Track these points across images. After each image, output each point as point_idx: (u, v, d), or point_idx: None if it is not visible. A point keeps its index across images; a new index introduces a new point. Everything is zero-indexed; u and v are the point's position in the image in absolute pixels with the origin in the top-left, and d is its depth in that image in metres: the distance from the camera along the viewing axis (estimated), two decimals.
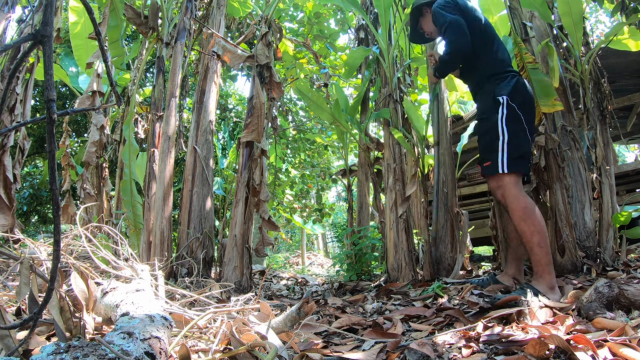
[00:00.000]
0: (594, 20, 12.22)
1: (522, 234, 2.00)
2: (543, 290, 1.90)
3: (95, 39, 3.56)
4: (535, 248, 1.96)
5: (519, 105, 2.07)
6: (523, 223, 1.97)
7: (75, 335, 1.23)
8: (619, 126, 3.19)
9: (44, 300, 0.87)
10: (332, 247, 17.16)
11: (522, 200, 1.98)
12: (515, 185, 2.00)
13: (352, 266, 3.56)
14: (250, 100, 3.37)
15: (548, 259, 1.95)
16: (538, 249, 1.95)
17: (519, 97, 2.10)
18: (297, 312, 1.35)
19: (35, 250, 1.89)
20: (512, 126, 2.04)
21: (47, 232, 8.65)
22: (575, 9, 2.66)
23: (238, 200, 3.14)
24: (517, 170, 2.02)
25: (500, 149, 2.02)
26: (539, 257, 1.95)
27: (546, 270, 1.94)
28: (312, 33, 6.20)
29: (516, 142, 2.03)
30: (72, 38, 4.34)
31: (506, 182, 2.02)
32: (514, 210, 2.00)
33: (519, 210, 1.98)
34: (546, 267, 1.94)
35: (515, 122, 2.05)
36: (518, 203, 1.98)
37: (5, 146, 3.00)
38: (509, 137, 2.02)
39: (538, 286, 1.92)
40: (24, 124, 0.87)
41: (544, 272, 1.94)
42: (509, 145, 2.01)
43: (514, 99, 2.07)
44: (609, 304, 1.45)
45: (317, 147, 8.60)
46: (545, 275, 1.94)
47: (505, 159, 2.00)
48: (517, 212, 1.99)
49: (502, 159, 2.01)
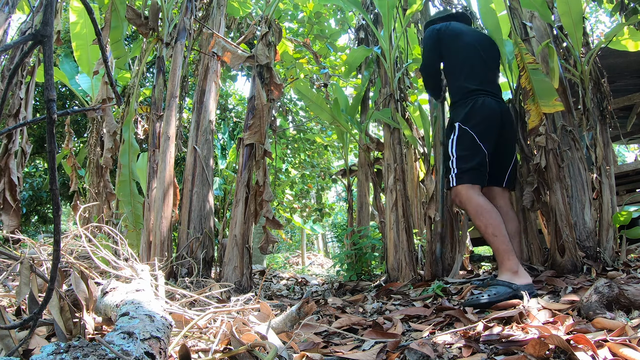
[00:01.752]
0: (594, 20, 12.22)
1: (479, 229, 2.20)
2: (507, 278, 2.03)
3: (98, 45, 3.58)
4: (490, 238, 2.14)
5: (472, 125, 2.34)
6: (477, 220, 2.19)
7: (75, 335, 1.23)
8: (618, 126, 3.19)
9: (44, 300, 0.87)
10: (332, 247, 17.16)
11: (473, 201, 2.22)
12: (466, 191, 2.26)
13: (352, 266, 3.56)
14: (251, 100, 3.37)
15: (505, 246, 2.11)
16: (493, 238, 2.13)
17: (474, 117, 2.36)
18: (297, 312, 1.35)
19: (35, 250, 1.89)
20: (461, 146, 2.35)
21: (47, 232, 8.65)
22: (574, 9, 2.66)
23: (238, 200, 3.14)
24: (465, 182, 2.28)
25: (452, 167, 2.34)
26: (496, 245, 2.13)
27: (505, 257, 2.09)
28: (313, 33, 6.20)
29: (464, 158, 2.31)
30: (72, 38, 4.34)
31: (458, 191, 2.30)
32: (468, 211, 2.26)
33: (472, 210, 2.22)
34: (505, 254, 2.10)
35: (464, 141, 2.34)
36: (470, 204, 2.23)
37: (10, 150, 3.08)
38: (457, 156, 2.34)
39: (502, 276, 2.06)
40: (24, 124, 0.87)
41: (503, 259, 2.10)
42: (457, 162, 2.32)
43: (467, 122, 2.36)
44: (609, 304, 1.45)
45: (317, 147, 8.60)
46: (506, 261, 2.09)
47: (454, 174, 2.32)
48: (471, 211, 2.23)
49: (453, 175, 2.33)
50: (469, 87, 2.46)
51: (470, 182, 2.28)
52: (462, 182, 2.28)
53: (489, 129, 2.37)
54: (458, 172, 2.31)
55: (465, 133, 2.34)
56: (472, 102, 2.40)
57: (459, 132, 2.36)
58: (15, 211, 3.12)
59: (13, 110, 3.14)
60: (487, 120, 2.38)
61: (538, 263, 2.68)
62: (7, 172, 3.07)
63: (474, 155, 2.32)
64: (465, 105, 2.42)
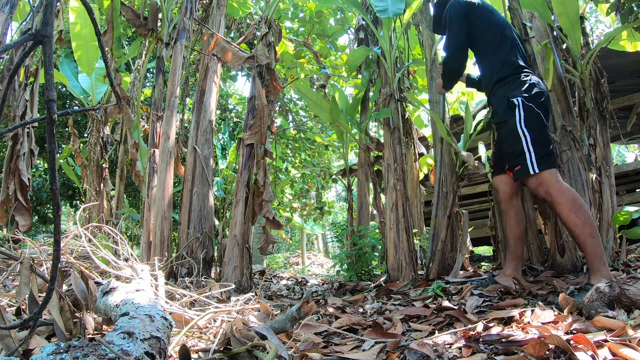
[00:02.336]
0: (594, 20, 12.21)
1: (573, 227, 1.94)
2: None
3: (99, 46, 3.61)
4: (587, 239, 1.89)
5: (537, 104, 2.07)
6: (574, 215, 1.91)
7: (75, 335, 1.23)
8: (618, 126, 3.18)
9: (44, 300, 0.87)
10: (332, 247, 17.17)
11: (569, 193, 1.94)
12: (554, 180, 1.97)
13: (352, 266, 3.56)
14: (251, 100, 3.37)
15: (601, 250, 1.88)
16: (590, 239, 1.89)
17: (536, 95, 2.09)
18: (297, 312, 1.35)
19: (35, 250, 1.89)
20: (532, 126, 2.04)
21: (47, 232, 8.65)
22: (571, 9, 2.66)
23: (238, 200, 3.14)
24: (549, 167, 2.00)
25: (527, 150, 2.02)
26: (593, 248, 1.88)
27: (601, 262, 1.87)
28: (313, 32, 6.19)
29: (540, 140, 2.02)
30: (72, 38, 4.34)
31: (545, 178, 1.99)
32: (561, 203, 1.95)
33: (567, 203, 1.93)
34: (601, 259, 1.87)
35: (534, 121, 2.05)
36: (565, 196, 1.94)
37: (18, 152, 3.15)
38: (532, 137, 2.02)
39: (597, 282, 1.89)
40: (24, 124, 0.87)
41: (599, 265, 1.87)
42: (534, 144, 2.01)
43: (530, 99, 2.07)
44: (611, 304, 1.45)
45: (317, 147, 8.60)
46: (602, 267, 1.86)
47: (534, 159, 2.00)
48: (566, 204, 1.93)
49: (530, 160, 2.00)
50: (517, 62, 2.23)
51: (554, 167, 2.00)
52: (546, 166, 1.98)
53: (548, 111, 2.14)
54: (538, 155, 1.99)
55: (532, 111, 2.06)
56: (527, 78, 2.15)
57: (525, 109, 2.06)
58: (28, 211, 3.21)
59: (19, 112, 3.19)
60: (546, 101, 2.14)
61: (538, 263, 2.68)
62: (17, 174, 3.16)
63: (547, 136, 2.06)
64: (520, 80, 2.15)
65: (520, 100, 2.08)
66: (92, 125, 4.89)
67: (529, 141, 2.01)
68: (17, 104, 3.21)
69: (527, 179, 2.07)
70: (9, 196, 3.12)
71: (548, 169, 1.99)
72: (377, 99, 3.66)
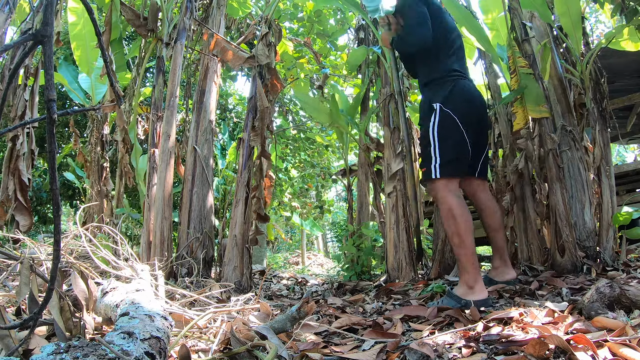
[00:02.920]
0: (594, 20, 12.21)
1: (446, 233, 2.13)
2: (461, 292, 1.97)
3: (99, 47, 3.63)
4: (455, 248, 2.05)
5: (453, 109, 2.11)
6: (446, 223, 2.07)
7: (75, 335, 1.23)
8: (617, 126, 3.18)
9: (44, 300, 0.87)
10: (332, 247, 17.16)
11: (448, 202, 2.05)
12: (444, 188, 2.08)
13: (352, 266, 3.56)
14: (251, 100, 3.37)
15: (467, 259, 2.00)
16: (457, 248, 2.03)
17: (455, 100, 2.14)
18: (297, 312, 1.35)
19: (35, 250, 1.89)
20: (443, 132, 2.11)
21: (47, 232, 8.65)
22: (573, 9, 2.66)
23: (238, 200, 3.14)
24: (447, 175, 2.09)
25: (432, 155, 2.10)
26: (459, 257, 2.03)
27: (465, 269, 2.00)
28: (313, 32, 6.19)
29: (446, 148, 2.10)
30: (72, 39, 4.34)
31: (437, 185, 2.10)
32: (441, 210, 2.10)
33: (444, 211, 2.07)
34: (465, 266, 2.00)
35: (447, 127, 2.11)
36: (444, 204, 2.07)
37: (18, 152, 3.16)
38: (439, 144, 2.10)
39: (458, 289, 2.00)
40: (24, 124, 0.87)
41: (463, 272, 2.01)
42: (440, 151, 2.09)
43: (448, 104, 2.12)
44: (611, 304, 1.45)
45: (317, 147, 8.60)
46: (464, 274, 2.00)
47: (437, 165, 2.08)
48: (443, 212, 2.08)
49: (434, 165, 2.09)
50: (451, 66, 2.24)
51: (453, 174, 2.10)
52: (445, 174, 2.09)
53: (471, 115, 2.17)
54: (441, 161, 2.08)
55: (447, 117, 2.11)
56: (452, 84, 2.18)
57: (440, 115, 2.12)
58: (28, 211, 3.22)
59: (18, 112, 3.20)
60: (469, 106, 2.18)
61: (538, 263, 2.68)
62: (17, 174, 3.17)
63: (457, 142, 2.12)
64: (444, 85, 2.19)
65: (438, 105, 2.13)
66: (92, 125, 4.89)
67: (437, 147, 2.10)
68: (17, 104, 3.22)
69: (427, 182, 2.18)
70: (9, 196, 3.14)
71: (446, 177, 2.08)
72: (377, 98, 3.66)
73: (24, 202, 3.18)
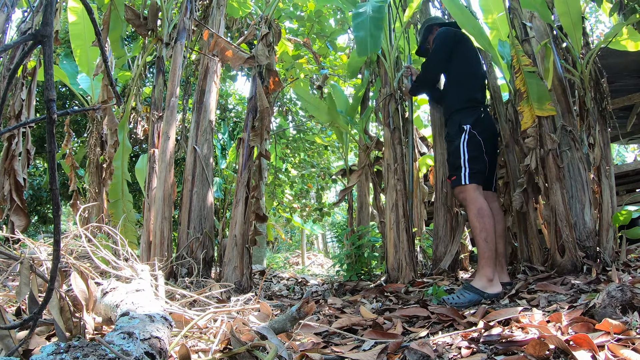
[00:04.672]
0: (594, 20, 12.20)
1: (473, 229, 2.38)
2: (481, 285, 2.21)
3: (97, 46, 3.60)
4: (481, 242, 2.31)
5: (480, 132, 2.53)
6: (475, 220, 2.35)
7: (75, 335, 1.23)
8: (617, 126, 3.18)
9: (44, 300, 0.87)
10: (332, 247, 17.16)
11: (478, 202, 2.38)
12: (475, 192, 2.42)
13: (352, 266, 3.56)
14: (251, 100, 3.37)
15: (490, 254, 2.28)
16: (483, 243, 2.30)
17: (480, 126, 2.55)
18: (297, 312, 1.35)
19: (35, 250, 1.89)
20: (471, 148, 2.49)
21: (47, 232, 8.65)
22: (573, 9, 2.66)
23: (238, 200, 3.14)
24: (475, 182, 2.45)
25: (462, 166, 2.47)
26: (484, 250, 2.29)
27: (487, 264, 2.27)
28: (313, 32, 6.18)
29: (474, 160, 2.47)
30: (71, 38, 4.33)
31: (468, 189, 2.45)
32: (470, 209, 2.40)
33: (474, 209, 2.37)
34: (488, 261, 2.27)
35: (474, 144, 2.50)
36: (474, 204, 2.38)
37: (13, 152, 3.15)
38: (469, 157, 2.48)
39: (478, 281, 2.24)
40: (24, 124, 0.87)
41: (485, 265, 2.27)
42: (469, 163, 2.46)
43: (475, 127, 2.53)
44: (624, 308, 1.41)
45: (317, 147, 8.59)
46: (486, 268, 2.26)
47: (467, 174, 2.45)
48: (473, 210, 2.38)
49: (464, 174, 2.46)
50: (475, 96, 2.66)
51: (480, 182, 2.47)
52: (474, 181, 2.44)
53: (489, 141, 2.59)
54: (471, 171, 2.45)
55: (474, 137, 2.52)
56: (479, 113, 2.60)
57: (470, 134, 2.52)
58: (23, 211, 3.21)
59: (15, 111, 3.19)
60: (489, 134, 2.61)
61: (538, 263, 2.68)
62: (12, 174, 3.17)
63: (480, 161, 2.50)
64: (473, 112, 2.59)
65: (468, 127, 2.54)
66: (91, 126, 4.89)
67: (467, 159, 2.47)
68: (14, 103, 3.21)
69: (456, 187, 2.53)
70: (4, 196, 3.13)
71: (474, 183, 2.44)
72: (377, 98, 3.65)
73: (19, 202, 3.18)
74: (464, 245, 3.45)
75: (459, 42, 2.74)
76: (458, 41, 2.74)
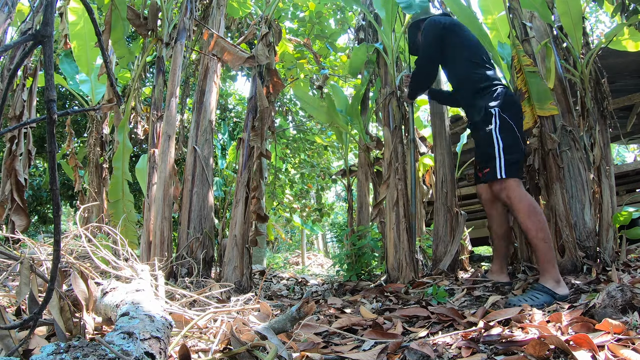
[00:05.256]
0: (594, 20, 12.21)
1: (527, 231, 2.11)
2: (551, 286, 1.99)
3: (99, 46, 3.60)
4: (540, 244, 2.06)
5: (510, 115, 2.22)
6: (528, 220, 2.07)
7: (75, 335, 1.23)
8: (618, 126, 3.18)
9: (44, 300, 0.87)
10: (332, 247, 17.16)
11: (526, 200, 2.10)
12: (517, 187, 2.13)
13: (352, 266, 3.56)
14: (251, 100, 3.37)
15: (552, 254, 2.05)
16: (543, 244, 2.05)
17: (509, 107, 2.25)
18: (297, 312, 1.35)
19: (35, 250, 1.89)
20: (505, 135, 2.19)
21: (47, 232, 8.65)
22: (574, 9, 2.66)
23: (238, 200, 3.14)
24: (514, 175, 2.16)
25: (497, 156, 2.16)
26: (544, 252, 2.05)
27: (551, 264, 2.04)
28: (313, 33, 6.19)
29: (510, 149, 2.17)
30: (72, 38, 4.33)
31: (509, 184, 2.14)
32: (519, 209, 2.11)
33: (524, 209, 2.09)
34: (551, 262, 2.05)
35: (508, 131, 2.20)
36: (523, 202, 2.10)
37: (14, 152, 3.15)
38: (504, 145, 2.17)
39: (546, 283, 2.01)
40: (24, 124, 0.87)
41: (549, 267, 2.04)
42: (505, 152, 2.16)
43: (505, 110, 2.23)
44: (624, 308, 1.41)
45: (317, 147, 8.59)
46: (551, 269, 2.03)
47: (503, 165, 2.14)
48: (523, 210, 2.09)
49: (499, 165, 2.15)
50: (489, 74, 2.38)
51: (519, 175, 2.17)
52: (512, 174, 2.14)
53: (521, 122, 2.28)
54: (507, 162, 2.14)
55: (506, 121, 2.20)
56: (503, 91, 2.30)
57: (500, 119, 2.20)
58: (24, 211, 3.21)
59: (16, 112, 3.19)
60: (520, 113, 2.30)
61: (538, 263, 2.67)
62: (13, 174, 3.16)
63: (518, 147, 2.20)
64: (496, 92, 2.30)
65: (497, 110, 2.23)
66: (91, 126, 4.89)
67: (501, 147, 2.16)
68: (15, 104, 3.21)
69: (492, 182, 2.22)
70: (5, 196, 3.13)
71: (513, 177, 2.14)
72: (377, 98, 3.65)
73: (20, 202, 3.18)
74: (463, 246, 3.46)
75: (450, 30, 2.54)
76: (448, 28, 2.54)
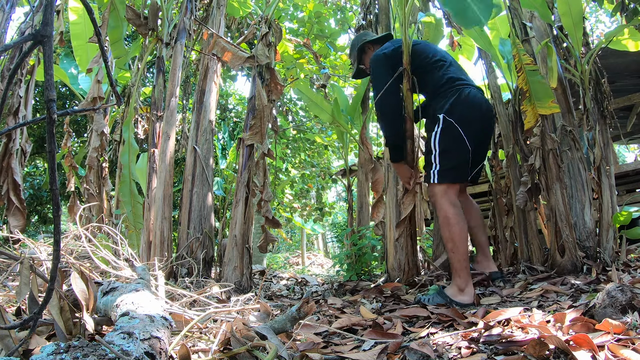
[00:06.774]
0: (594, 20, 12.21)
1: (442, 238, 2.24)
2: (451, 293, 2.08)
3: (95, 42, 3.57)
4: (449, 253, 2.16)
5: (458, 118, 2.20)
6: (442, 229, 2.18)
7: (75, 335, 1.23)
8: (619, 126, 3.18)
9: (44, 300, 0.87)
10: (332, 247, 17.17)
11: (444, 210, 2.15)
12: (442, 195, 2.17)
13: (352, 266, 3.56)
14: (251, 100, 3.37)
15: (460, 264, 2.11)
16: (451, 254, 2.14)
17: (460, 109, 2.21)
18: (297, 312, 1.35)
19: (35, 250, 1.89)
20: (445, 141, 2.21)
21: (47, 232, 8.65)
22: (574, 9, 2.66)
23: (238, 200, 3.14)
24: (446, 181, 2.18)
25: (433, 162, 2.21)
26: (452, 261, 2.14)
27: (457, 273, 2.11)
28: (313, 33, 6.20)
29: (447, 155, 2.20)
30: (72, 38, 4.33)
31: (435, 191, 2.21)
32: (438, 216, 2.26)
33: (440, 218, 2.18)
34: (457, 271, 2.11)
35: (449, 135, 2.20)
36: (441, 212, 2.17)
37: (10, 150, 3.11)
38: (440, 151, 2.20)
39: (448, 290, 2.11)
40: (24, 124, 0.87)
41: (455, 276, 2.13)
42: (440, 158, 2.20)
43: (452, 114, 2.21)
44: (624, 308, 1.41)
45: (317, 147, 8.60)
46: (456, 278, 2.11)
47: (436, 171, 2.19)
48: (440, 219, 2.19)
49: (434, 171, 2.20)
50: (451, 76, 2.31)
51: (452, 180, 2.19)
52: (444, 180, 2.17)
53: (474, 123, 2.24)
54: (441, 168, 2.18)
55: (450, 126, 2.19)
56: (457, 92, 2.24)
57: (444, 124, 2.20)
58: (21, 211, 3.17)
59: (13, 109, 3.16)
60: (473, 114, 2.24)
61: (538, 263, 2.68)
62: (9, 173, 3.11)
63: (458, 151, 2.20)
64: (449, 95, 2.25)
65: (442, 116, 2.22)
66: (91, 126, 4.88)
67: (437, 153, 2.21)
68: (12, 100, 3.19)
69: (428, 186, 2.29)
70: (2, 196, 3.08)
71: (444, 183, 2.18)
72: None
73: (16, 202, 3.12)
74: None
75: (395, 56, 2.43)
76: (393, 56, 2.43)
